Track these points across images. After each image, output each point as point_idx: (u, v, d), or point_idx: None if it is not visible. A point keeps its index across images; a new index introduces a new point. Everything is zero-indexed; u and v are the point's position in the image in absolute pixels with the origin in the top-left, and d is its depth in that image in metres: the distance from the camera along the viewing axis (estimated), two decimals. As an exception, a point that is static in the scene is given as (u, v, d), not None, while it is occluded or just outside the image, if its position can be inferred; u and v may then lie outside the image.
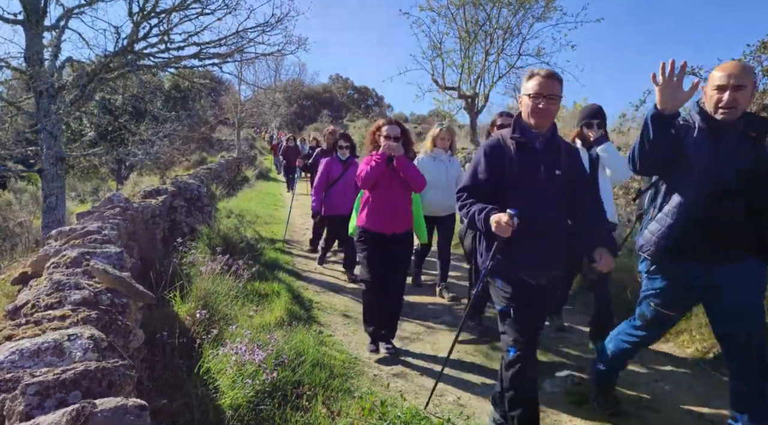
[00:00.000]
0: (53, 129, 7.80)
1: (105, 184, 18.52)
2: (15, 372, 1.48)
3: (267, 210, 10.66)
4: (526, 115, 2.48)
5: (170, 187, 6.41)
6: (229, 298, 3.80)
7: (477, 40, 14.61)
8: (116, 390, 1.46)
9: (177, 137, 15.45)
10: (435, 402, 3.09)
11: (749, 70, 2.34)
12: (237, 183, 15.67)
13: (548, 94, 2.41)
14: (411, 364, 3.69)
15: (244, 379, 2.57)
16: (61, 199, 8.03)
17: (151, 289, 3.12)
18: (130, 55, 8.16)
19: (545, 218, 2.47)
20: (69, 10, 8.10)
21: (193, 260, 4.43)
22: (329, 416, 2.67)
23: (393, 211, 3.77)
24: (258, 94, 25.36)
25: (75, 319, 1.86)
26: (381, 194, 3.77)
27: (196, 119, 23.51)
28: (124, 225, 3.71)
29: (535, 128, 2.48)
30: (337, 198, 5.78)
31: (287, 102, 33.14)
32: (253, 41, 9.05)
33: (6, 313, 2.11)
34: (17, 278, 2.92)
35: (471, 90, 14.92)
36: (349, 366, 3.48)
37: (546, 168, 2.46)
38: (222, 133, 30.28)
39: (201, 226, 5.98)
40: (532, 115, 2.46)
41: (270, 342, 2.99)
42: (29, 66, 7.71)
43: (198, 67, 10.88)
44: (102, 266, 2.30)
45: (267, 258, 6.10)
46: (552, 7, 13.88)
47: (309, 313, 4.52)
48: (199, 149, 24.85)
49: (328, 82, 46.44)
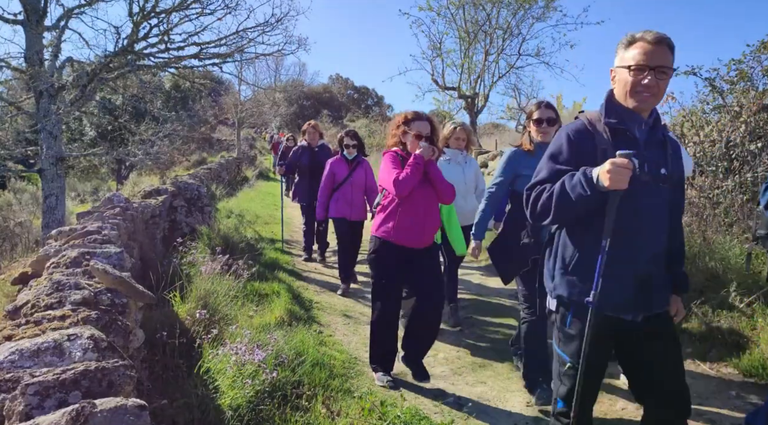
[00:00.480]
0: (53, 129, 7.80)
1: (105, 184, 18.51)
2: (15, 372, 1.48)
3: (267, 210, 10.66)
4: (623, 94, 1.89)
5: (170, 187, 6.41)
6: (229, 298, 3.80)
7: (477, 40, 14.63)
8: (116, 390, 1.46)
9: (177, 137, 15.47)
10: (435, 402, 3.09)
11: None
12: (237, 183, 15.67)
13: (656, 65, 1.80)
14: (411, 364, 3.69)
15: (244, 379, 2.57)
16: (61, 199, 8.03)
17: (151, 289, 3.12)
18: (130, 55, 8.16)
19: (652, 230, 1.91)
20: (69, 10, 8.10)
21: (193, 260, 4.43)
22: (329, 416, 2.67)
23: (426, 221, 3.24)
24: (258, 94, 25.37)
25: (75, 319, 1.86)
26: (414, 202, 3.20)
27: (196, 119, 23.51)
28: (124, 225, 3.71)
29: (636, 111, 1.90)
30: (344, 203, 5.31)
31: (287, 102, 33.12)
32: (253, 41, 9.05)
33: (6, 313, 2.11)
34: (17, 278, 2.93)
35: (471, 90, 14.93)
36: (349, 366, 3.48)
37: (649, 166, 1.88)
38: (222, 133, 30.28)
39: (201, 226, 5.98)
40: (633, 94, 1.86)
41: (270, 342, 2.99)
42: (29, 66, 7.71)
43: (198, 67, 10.89)
44: (102, 266, 2.30)
45: (267, 258, 6.09)
46: (552, 8, 13.90)
47: (309, 313, 4.52)
48: (199, 149, 24.84)
49: (328, 82, 46.42)
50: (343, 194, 5.34)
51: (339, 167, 5.43)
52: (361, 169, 5.41)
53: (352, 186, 5.33)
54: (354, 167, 5.40)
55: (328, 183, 5.43)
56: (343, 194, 5.34)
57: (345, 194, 5.33)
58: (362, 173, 5.41)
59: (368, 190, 5.40)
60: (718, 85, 5.60)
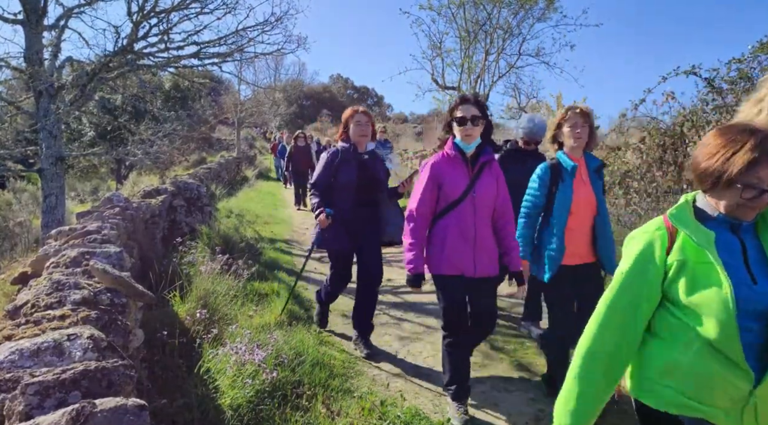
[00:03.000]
0: (53, 129, 7.79)
1: (105, 184, 18.51)
2: (15, 372, 1.48)
3: (267, 210, 10.66)
4: None
5: (170, 187, 6.41)
6: (229, 298, 3.80)
7: (477, 40, 14.63)
8: (116, 390, 1.45)
9: (177, 136, 15.44)
10: (435, 402, 3.09)
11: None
12: (237, 183, 15.68)
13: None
14: (411, 364, 3.69)
15: (244, 379, 2.57)
16: (61, 199, 8.02)
17: (151, 289, 3.12)
18: (129, 54, 8.15)
19: None
20: (69, 10, 8.09)
21: (193, 259, 4.43)
22: (329, 416, 2.67)
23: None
24: (258, 94, 25.36)
25: (75, 319, 1.86)
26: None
27: (196, 118, 23.49)
28: (124, 225, 3.71)
29: None
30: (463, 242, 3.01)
31: (287, 102, 33.12)
32: (252, 40, 9.03)
33: (6, 313, 2.11)
34: (17, 277, 2.92)
35: (471, 90, 14.92)
36: (349, 366, 3.48)
37: None
38: (222, 133, 30.26)
39: (201, 226, 5.97)
40: None
41: (270, 342, 2.99)
42: (29, 66, 7.70)
43: (198, 67, 10.87)
44: (102, 266, 2.30)
45: (267, 258, 6.09)
46: (552, 8, 13.90)
47: (309, 313, 4.52)
48: (198, 148, 24.83)
49: (328, 81, 46.49)
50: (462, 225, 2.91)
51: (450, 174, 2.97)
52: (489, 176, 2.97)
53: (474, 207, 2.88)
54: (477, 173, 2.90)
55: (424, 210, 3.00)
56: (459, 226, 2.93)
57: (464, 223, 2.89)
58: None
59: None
60: (718, 85, 5.60)
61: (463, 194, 2.83)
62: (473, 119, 2.79)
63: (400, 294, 5.34)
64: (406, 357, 3.81)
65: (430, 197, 2.87)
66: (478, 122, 2.81)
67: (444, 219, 2.88)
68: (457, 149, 2.84)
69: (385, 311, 4.81)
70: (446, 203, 2.86)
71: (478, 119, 2.80)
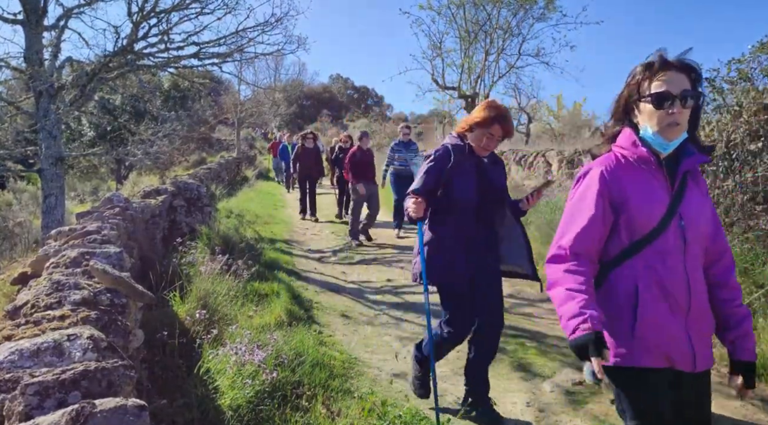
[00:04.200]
0: (53, 129, 7.79)
1: (104, 184, 18.53)
2: (15, 372, 1.48)
3: (266, 210, 10.66)
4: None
5: (170, 187, 6.41)
6: (229, 298, 3.80)
7: (477, 40, 14.64)
8: (116, 391, 1.45)
9: (176, 136, 15.44)
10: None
11: None
12: (237, 183, 15.68)
13: None
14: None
15: (244, 379, 2.57)
16: (61, 199, 8.02)
17: (151, 289, 3.12)
18: (129, 55, 8.15)
19: None
20: (69, 10, 8.09)
21: (193, 260, 4.43)
22: (329, 416, 2.66)
23: None
24: (258, 94, 25.35)
25: (74, 319, 1.86)
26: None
27: (196, 118, 23.50)
28: (124, 225, 3.71)
29: None
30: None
31: (287, 102, 33.12)
32: (252, 41, 9.04)
33: (6, 313, 2.11)
34: (17, 278, 2.92)
35: (471, 90, 14.93)
36: (349, 367, 3.48)
37: None
38: (222, 133, 30.26)
39: (201, 226, 5.97)
40: None
41: (270, 342, 2.99)
42: (29, 66, 7.70)
43: (198, 67, 10.87)
44: (101, 266, 2.29)
45: (267, 258, 6.09)
46: (552, 8, 13.91)
47: (309, 313, 4.51)
48: (198, 149, 24.84)
49: (328, 82, 46.50)
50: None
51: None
52: None
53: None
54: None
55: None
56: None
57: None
58: None
59: None
60: (718, 85, 5.60)
61: (663, 221, 1.65)
62: (683, 97, 1.60)
63: (400, 294, 5.34)
64: (407, 357, 3.80)
65: (600, 227, 1.69)
66: (689, 101, 1.63)
67: (627, 267, 1.68)
68: (646, 149, 1.67)
69: (386, 312, 4.81)
70: (631, 239, 1.68)
71: (690, 96, 1.62)
